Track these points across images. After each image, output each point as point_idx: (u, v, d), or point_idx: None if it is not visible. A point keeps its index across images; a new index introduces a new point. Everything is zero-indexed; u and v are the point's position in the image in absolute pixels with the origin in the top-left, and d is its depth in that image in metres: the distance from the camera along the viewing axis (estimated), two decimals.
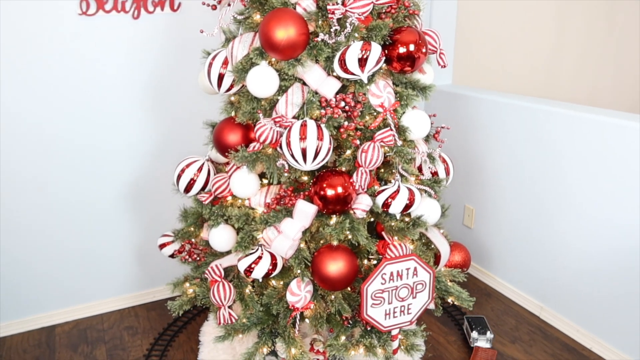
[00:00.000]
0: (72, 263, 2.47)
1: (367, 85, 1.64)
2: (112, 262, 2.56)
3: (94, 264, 2.52)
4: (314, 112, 1.63)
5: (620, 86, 4.01)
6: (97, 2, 2.16)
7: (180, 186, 1.89)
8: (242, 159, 1.68)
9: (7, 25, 2.07)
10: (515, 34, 3.41)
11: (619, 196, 2.11)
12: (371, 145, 1.64)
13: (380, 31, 1.59)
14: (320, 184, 1.62)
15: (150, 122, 2.43)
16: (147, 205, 2.54)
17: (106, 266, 2.55)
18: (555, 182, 2.35)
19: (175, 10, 2.31)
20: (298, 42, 1.53)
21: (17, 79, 2.14)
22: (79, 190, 2.38)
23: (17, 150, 2.22)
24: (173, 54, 2.37)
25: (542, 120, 2.37)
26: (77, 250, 2.46)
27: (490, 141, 2.66)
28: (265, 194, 1.79)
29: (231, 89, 1.75)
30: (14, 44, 2.10)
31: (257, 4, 1.67)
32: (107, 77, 2.29)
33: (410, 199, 1.69)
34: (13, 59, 2.12)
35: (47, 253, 2.40)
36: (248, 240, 1.74)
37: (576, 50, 3.71)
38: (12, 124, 2.18)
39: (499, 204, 2.67)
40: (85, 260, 2.49)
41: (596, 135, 2.16)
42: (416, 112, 1.73)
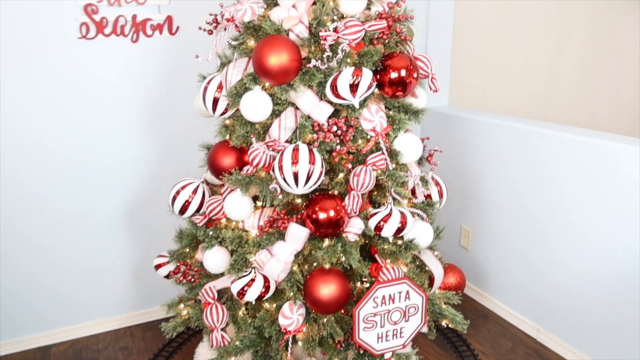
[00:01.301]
0: (69, 283, 2.47)
1: (359, 109, 1.66)
2: (109, 282, 2.56)
3: (91, 284, 2.52)
4: (307, 136, 1.65)
5: (618, 109, 4.04)
6: (96, 26, 2.21)
7: (175, 208, 1.91)
8: (236, 182, 1.70)
9: (12, 47, 2.11)
10: (512, 55, 3.45)
11: (614, 219, 2.11)
12: (363, 169, 1.65)
13: (371, 57, 1.62)
14: (312, 207, 1.64)
15: (147, 142, 2.45)
16: (143, 225, 2.55)
17: (102, 286, 2.55)
18: (551, 204, 2.36)
19: (174, 34, 2.35)
20: (290, 68, 1.56)
21: (22, 98, 2.18)
22: (76, 210, 2.40)
23: (21, 167, 2.25)
24: (170, 76, 2.41)
25: (537, 143, 2.39)
26: (74, 270, 2.47)
27: (486, 162, 2.67)
28: (258, 216, 1.80)
29: (225, 112, 1.78)
30: (19, 66, 2.14)
31: (251, 30, 1.70)
32: (106, 99, 2.32)
33: (402, 222, 1.69)
34: (18, 80, 2.16)
35: (43, 273, 2.41)
36: (241, 263, 1.75)
37: (574, 72, 3.74)
38: (17, 140, 2.22)
39: (496, 225, 2.68)
40: (82, 280, 2.50)
41: (590, 158, 2.17)
42: (408, 136, 1.75)
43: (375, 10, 1.71)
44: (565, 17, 3.58)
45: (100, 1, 2.19)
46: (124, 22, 2.25)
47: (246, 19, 1.66)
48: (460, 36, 3.18)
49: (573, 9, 3.58)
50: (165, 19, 2.32)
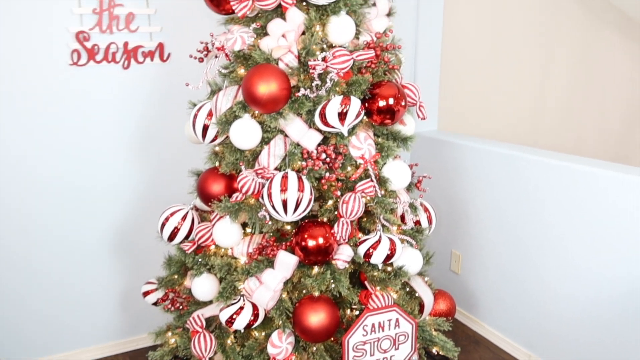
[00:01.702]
0: (55, 307, 2.44)
1: (347, 137, 1.68)
2: (95, 308, 2.53)
3: (77, 309, 2.49)
4: (296, 163, 1.66)
5: (603, 135, 4.10)
6: (88, 53, 2.22)
7: (164, 234, 1.89)
8: (225, 209, 1.70)
9: (3, 72, 2.12)
10: (500, 82, 3.50)
11: (601, 244, 2.13)
12: (352, 196, 1.66)
13: (360, 86, 1.64)
14: (301, 235, 1.64)
15: (136, 168, 2.45)
16: (132, 250, 2.53)
17: (89, 311, 2.52)
18: (539, 229, 2.38)
19: (165, 60, 2.37)
20: (280, 97, 1.58)
21: (12, 122, 2.18)
22: (64, 234, 2.38)
23: (10, 189, 2.23)
24: (161, 102, 2.42)
25: (524, 168, 2.41)
26: (61, 294, 2.43)
27: (476, 187, 2.69)
28: (247, 243, 1.79)
29: (215, 139, 1.79)
30: (9, 90, 2.15)
31: (241, 58, 1.72)
32: (96, 124, 2.33)
33: (391, 249, 1.69)
34: (8, 104, 2.16)
35: (30, 296, 2.38)
36: (230, 291, 1.74)
37: (559, 100, 3.81)
38: (6, 162, 2.21)
39: (486, 250, 2.68)
40: (68, 305, 2.46)
41: (576, 184, 2.20)
42: (397, 163, 1.76)
43: (364, 40, 1.74)
44: (551, 45, 3.66)
45: (92, 28, 2.21)
46: (116, 49, 2.27)
47: (236, 47, 1.68)
48: (448, 63, 3.23)
49: (558, 37, 3.66)
50: (156, 46, 2.34)
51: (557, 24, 3.62)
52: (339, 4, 1.65)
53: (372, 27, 1.77)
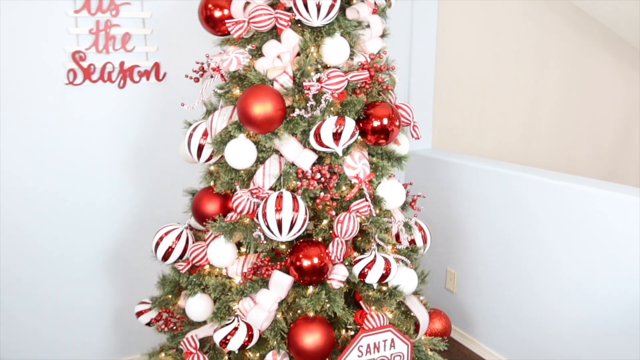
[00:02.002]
0: (47, 328, 2.41)
1: (342, 157, 1.69)
2: (88, 327, 2.50)
3: (69, 328, 2.46)
4: (291, 183, 1.67)
5: (595, 154, 4.13)
6: (84, 72, 2.23)
7: (158, 254, 1.89)
8: (220, 228, 1.70)
9: (3, 92, 2.13)
10: (493, 100, 3.54)
11: (596, 263, 2.13)
12: (347, 215, 1.66)
13: (354, 106, 1.65)
14: (296, 255, 1.63)
15: (131, 186, 2.45)
16: (125, 269, 2.52)
17: (81, 330, 2.49)
18: (535, 247, 2.38)
19: (161, 80, 2.39)
20: (275, 117, 1.59)
21: (11, 141, 2.18)
22: (57, 251, 2.37)
23: (4, 205, 2.22)
24: (156, 121, 2.43)
25: (518, 186, 2.43)
26: (53, 312, 2.41)
27: (470, 205, 2.70)
28: (242, 263, 1.78)
29: (210, 159, 1.79)
30: (9, 110, 2.15)
31: (236, 79, 1.73)
32: (91, 142, 2.33)
33: (386, 268, 1.69)
34: (7, 123, 2.16)
35: (20, 317, 2.35)
36: (224, 311, 1.73)
37: (552, 119, 3.84)
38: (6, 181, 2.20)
39: (481, 268, 2.68)
40: (61, 324, 2.43)
41: (569, 202, 2.21)
42: (391, 182, 1.77)
43: (358, 61, 1.76)
44: (541, 64, 3.71)
45: (89, 48, 2.22)
46: (112, 68, 2.28)
47: (232, 68, 1.70)
48: (442, 82, 3.26)
49: (548, 56, 3.71)
50: (152, 65, 2.35)
51: (547, 43, 3.68)
52: (333, 26, 1.67)
53: (367, 49, 1.79)
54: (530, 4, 3.52)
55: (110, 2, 2.22)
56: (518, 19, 3.50)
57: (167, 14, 2.35)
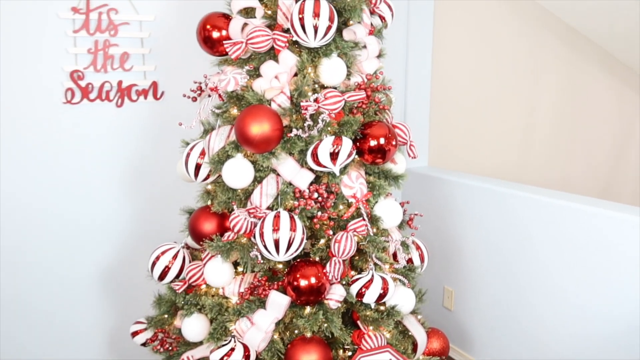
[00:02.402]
0: (41, 346, 2.38)
1: (339, 176, 1.69)
2: (83, 347, 2.47)
3: (64, 348, 2.43)
4: (288, 202, 1.67)
5: (590, 172, 4.16)
6: (82, 91, 2.24)
7: (154, 274, 1.88)
8: (217, 248, 1.69)
9: (1, 111, 2.13)
10: (488, 119, 3.57)
11: (597, 282, 2.13)
12: (344, 235, 1.66)
13: (351, 126, 1.66)
14: (293, 274, 1.63)
15: (128, 205, 2.44)
16: (121, 288, 2.50)
17: (76, 351, 2.46)
18: (533, 265, 2.38)
19: (158, 98, 2.40)
20: (272, 137, 1.59)
21: (8, 159, 2.18)
22: (53, 268, 2.35)
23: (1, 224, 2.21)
24: (154, 140, 2.43)
25: (514, 204, 2.43)
26: (47, 330, 2.38)
27: (467, 223, 2.70)
28: (239, 282, 1.78)
29: (207, 178, 1.79)
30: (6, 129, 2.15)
31: (234, 99, 1.74)
32: (88, 161, 2.33)
33: (384, 288, 1.69)
34: (5, 141, 2.16)
35: (13, 334, 2.32)
36: (221, 331, 1.71)
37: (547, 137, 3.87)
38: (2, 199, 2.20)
39: (478, 286, 2.68)
40: (54, 345, 2.40)
41: (565, 220, 2.22)
42: (388, 201, 1.78)
43: (355, 81, 1.78)
44: (536, 83, 3.74)
45: (87, 67, 2.24)
46: (110, 87, 2.29)
47: (229, 88, 1.71)
48: (437, 101, 3.29)
49: (543, 74, 3.75)
50: (150, 84, 2.37)
51: (542, 61, 3.72)
52: (330, 47, 1.69)
53: (363, 69, 1.81)
54: (524, 23, 3.57)
55: (109, 22, 2.23)
56: (513, 38, 3.54)
57: (165, 34, 2.37)
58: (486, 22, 3.40)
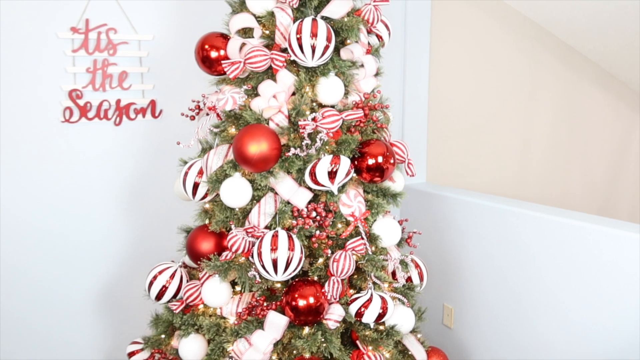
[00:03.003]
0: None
1: (337, 195, 1.69)
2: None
3: None
4: (286, 221, 1.66)
5: (589, 188, 4.16)
6: (80, 110, 2.24)
7: (151, 293, 1.86)
8: (214, 268, 1.68)
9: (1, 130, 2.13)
10: (486, 135, 3.58)
11: (597, 300, 2.12)
12: (342, 254, 1.65)
13: (349, 145, 1.66)
14: (292, 294, 1.61)
15: (126, 223, 2.43)
16: (118, 308, 2.47)
17: None
18: (533, 282, 2.37)
19: (157, 117, 2.40)
20: (270, 156, 1.59)
21: (6, 177, 2.17)
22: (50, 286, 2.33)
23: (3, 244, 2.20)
24: (152, 158, 2.43)
25: (513, 221, 2.43)
26: (43, 352, 2.35)
27: (466, 240, 2.69)
28: (237, 302, 1.76)
29: (205, 197, 1.79)
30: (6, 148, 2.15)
31: (232, 118, 1.75)
32: (87, 179, 2.32)
33: (383, 307, 1.67)
34: (5, 161, 2.15)
35: (9, 355, 2.30)
36: (218, 353, 1.70)
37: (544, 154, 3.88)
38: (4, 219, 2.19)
39: (478, 304, 2.66)
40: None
41: (565, 237, 2.21)
42: (387, 220, 1.77)
43: (352, 100, 1.78)
44: (533, 99, 3.76)
45: (85, 86, 2.24)
46: (108, 106, 2.30)
47: (228, 108, 1.71)
48: (435, 117, 3.30)
49: (540, 92, 3.77)
50: (149, 103, 2.37)
51: (539, 79, 3.75)
52: (328, 66, 1.70)
53: (361, 87, 1.82)
54: (521, 40, 3.60)
55: (108, 41, 2.25)
56: (510, 55, 3.57)
57: (164, 53, 2.39)
58: (483, 40, 3.43)
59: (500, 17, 3.47)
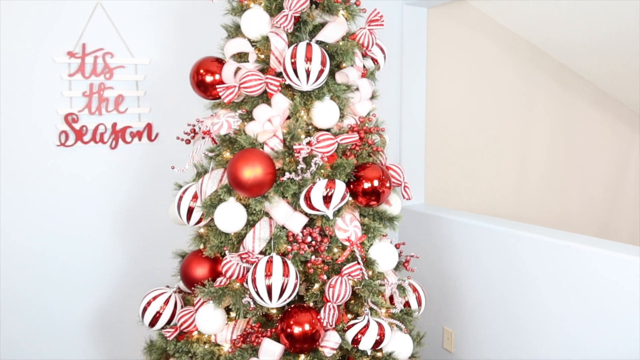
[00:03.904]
0: None
1: (333, 219, 1.67)
2: None
3: None
4: (281, 246, 1.64)
5: (588, 209, 4.14)
6: (76, 134, 2.24)
7: (145, 320, 1.83)
8: (208, 294, 1.65)
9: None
10: (483, 156, 3.57)
11: (598, 322, 2.08)
12: (339, 279, 1.63)
13: (344, 169, 1.65)
14: (287, 321, 1.59)
15: (121, 248, 2.40)
16: (111, 333, 2.43)
17: None
18: (533, 305, 2.33)
19: (153, 140, 2.40)
20: (265, 181, 1.58)
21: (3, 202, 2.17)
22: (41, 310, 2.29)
23: None
24: (148, 182, 2.42)
25: (513, 244, 2.40)
26: None
27: (465, 262, 2.67)
28: (232, 329, 1.73)
29: (200, 222, 1.77)
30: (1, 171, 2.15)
31: (227, 142, 1.74)
32: (82, 203, 2.30)
33: (380, 334, 1.64)
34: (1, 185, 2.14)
35: None
36: None
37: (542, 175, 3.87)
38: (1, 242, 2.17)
39: (478, 327, 2.62)
40: None
41: (567, 261, 2.18)
42: (383, 244, 1.75)
43: (348, 124, 1.77)
44: (531, 120, 3.77)
45: (82, 110, 2.24)
46: (104, 129, 2.29)
47: (222, 132, 1.70)
48: (433, 139, 3.30)
49: (537, 113, 3.78)
50: (145, 126, 2.37)
51: (535, 99, 3.76)
52: (323, 90, 1.69)
53: (356, 111, 1.81)
54: (518, 61, 3.62)
55: (105, 65, 2.25)
56: (507, 75, 3.59)
57: (161, 77, 2.39)
58: (480, 61, 3.45)
59: (496, 38, 3.49)
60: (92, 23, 2.24)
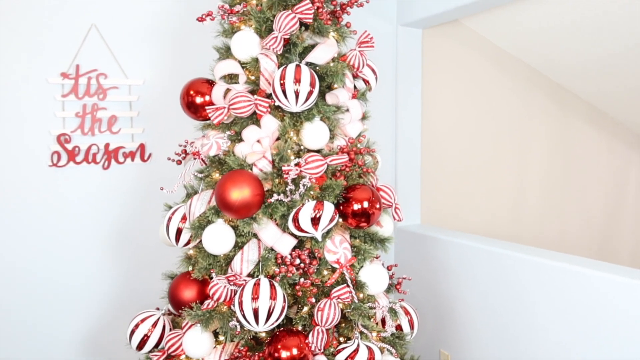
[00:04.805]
0: None
1: (322, 241, 1.65)
2: None
3: None
4: (270, 268, 1.62)
5: (586, 230, 4.11)
6: (68, 154, 2.23)
7: (132, 343, 1.80)
8: (196, 317, 1.63)
9: None
10: (480, 176, 3.56)
11: (596, 345, 2.05)
12: (327, 302, 1.60)
13: (333, 191, 1.64)
14: (274, 345, 1.56)
15: (111, 268, 2.38)
16: (103, 354, 2.40)
17: None
18: (531, 327, 2.29)
19: (146, 160, 2.39)
20: (253, 203, 1.57)
21: None
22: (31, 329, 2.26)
23: None
24: (140, 202, 2.41)
25: (511, 265, 2.38)
26: None
27: (462, 283, 2.63)
28: (219, 353, 1.70)
29: (189, 243, 1.75)
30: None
31: (216, 163, 1.73)
32: (74, 223, 2.29)
33: (370, 358, 1.61)
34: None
35: None
36: None
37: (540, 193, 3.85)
38: None
39: (475, 349, 2.57)
40: None
41: (565, 283, 2.15)
42: (374, 266, 1.73)
43: (338, 145, 1.77)
44: (528, 140, 3.76)
45: (74, 131, 2.24)
46: (97, 150, 2.29)
47: (212, 153, 1.70)
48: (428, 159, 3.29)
49: (533, 133, 3.77)
50: (138, 146, 2.37)
51: (531, 119, 3.76)
52: (312, 111, 1.69)
53: (347, 132, 1.81)
54: (514, 82, 3.62)
55: (98, 86, 2.26)
56: (503, 95, 3.59)
57: (155, 97, 2.40)
58: (476, 81, 3.46)
59: (492, 58, 3.50)
60: (86, 44, 2.26)
